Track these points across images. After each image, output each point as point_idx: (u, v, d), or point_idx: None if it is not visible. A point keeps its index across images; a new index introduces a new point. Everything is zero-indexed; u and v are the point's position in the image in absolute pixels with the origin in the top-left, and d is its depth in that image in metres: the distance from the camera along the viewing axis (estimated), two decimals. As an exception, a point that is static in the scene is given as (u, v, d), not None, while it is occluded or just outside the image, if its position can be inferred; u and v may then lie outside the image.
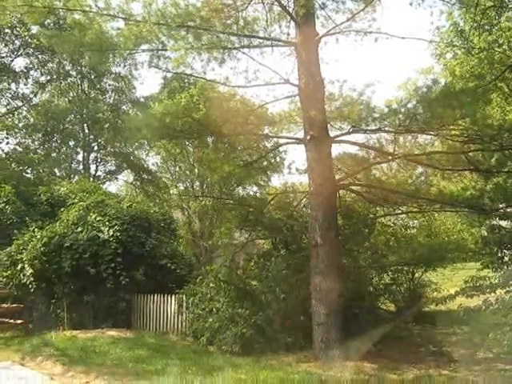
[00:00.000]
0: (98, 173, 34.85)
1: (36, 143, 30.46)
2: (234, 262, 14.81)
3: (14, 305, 17.66)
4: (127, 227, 16.50)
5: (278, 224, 14.43)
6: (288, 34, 13.18)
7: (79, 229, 16.33)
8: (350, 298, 13.31)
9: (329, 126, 13.13)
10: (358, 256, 15.28)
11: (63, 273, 15.97)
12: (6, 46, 28.58)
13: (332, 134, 13.11)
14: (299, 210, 14.80)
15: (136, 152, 34.85)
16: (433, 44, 25.41)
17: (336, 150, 13.41)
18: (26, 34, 27.61)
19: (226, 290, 13.71)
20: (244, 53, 12.62)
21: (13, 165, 20.77)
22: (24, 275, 16.11)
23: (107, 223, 16.41)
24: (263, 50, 13.02)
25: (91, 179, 29.37)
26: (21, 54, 29.21)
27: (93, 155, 34.73)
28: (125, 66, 32.74)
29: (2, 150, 21.40)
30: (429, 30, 26.20)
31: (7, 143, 24.45)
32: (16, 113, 29.35)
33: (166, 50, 12.52)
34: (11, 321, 17.65)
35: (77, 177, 30.84)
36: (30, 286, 16.03)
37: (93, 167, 34.65)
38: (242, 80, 13.67)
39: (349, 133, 12.84)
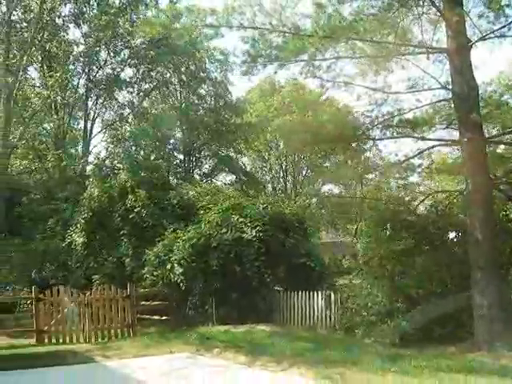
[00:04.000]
0: (194, 176, 36.13)
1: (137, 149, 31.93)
2: (381, 259, 15.42)
3: (157, 302, 18.87)
4: (267, 228, 17.44)
5: (424, 222, 15.02)
6: (437, 41, 13.81)
7: (223, 230, 17.35)
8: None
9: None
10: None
11: (210, 271, 17.01)
12: (114, 56, 30.18)
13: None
14: (445, 208, 15.35)
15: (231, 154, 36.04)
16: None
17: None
18: (134, 44, 29.25)
19: (379, 286, 14.40)
20: (409, 60, 13.34)
21: (141, 172, 22.05)
22: (174, 274, 17.18)
23: (249, 224, 17.39)
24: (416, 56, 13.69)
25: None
26: (128, 65, 30.83)
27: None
28: (221, 71, 34.08)
29: (130, 158, 22.77)
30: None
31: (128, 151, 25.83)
32: (125, 121, 31.07)
33: (326, 59, 13.32)
34: (155, 317, 18.89)
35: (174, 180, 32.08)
36: (181, 285, 17.08)
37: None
38: (398, 86, 14.29)
39: (504, 134, 13.38)
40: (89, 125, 30.30)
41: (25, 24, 25.81)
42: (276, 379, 10.33)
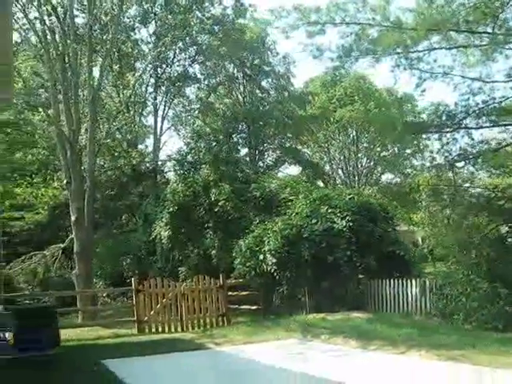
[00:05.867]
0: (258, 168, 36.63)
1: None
2: (477, 246, 15.59)
3: (245, 292, 19.47)
4: (356, 217, 17.82)
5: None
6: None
7: (314, 221, 17.79)
8: None
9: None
10: None
11: (302, 261, 17.45)
12: (180, 53, 30.94)
13: None
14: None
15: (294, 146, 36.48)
16: None
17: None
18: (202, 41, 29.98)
19: (478, 272, 14.61)
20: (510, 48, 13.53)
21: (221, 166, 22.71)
22: (266, 264, 17.68)
23: (339, 214, 17.79)
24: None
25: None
26: (195, 61, 31.57)
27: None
28: (284, 64, 34.54)
29: (211, 153, 23.32)
30: None
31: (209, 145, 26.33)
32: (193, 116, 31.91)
33: (420, 51, 13.62)
34: (244, 307, 19.52)
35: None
36: (275, 274, 17.58)
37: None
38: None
39: None
40: (159, 121, 31.12)
41: (97, 26, 26.71)
42: (402, 361, 10.66)
